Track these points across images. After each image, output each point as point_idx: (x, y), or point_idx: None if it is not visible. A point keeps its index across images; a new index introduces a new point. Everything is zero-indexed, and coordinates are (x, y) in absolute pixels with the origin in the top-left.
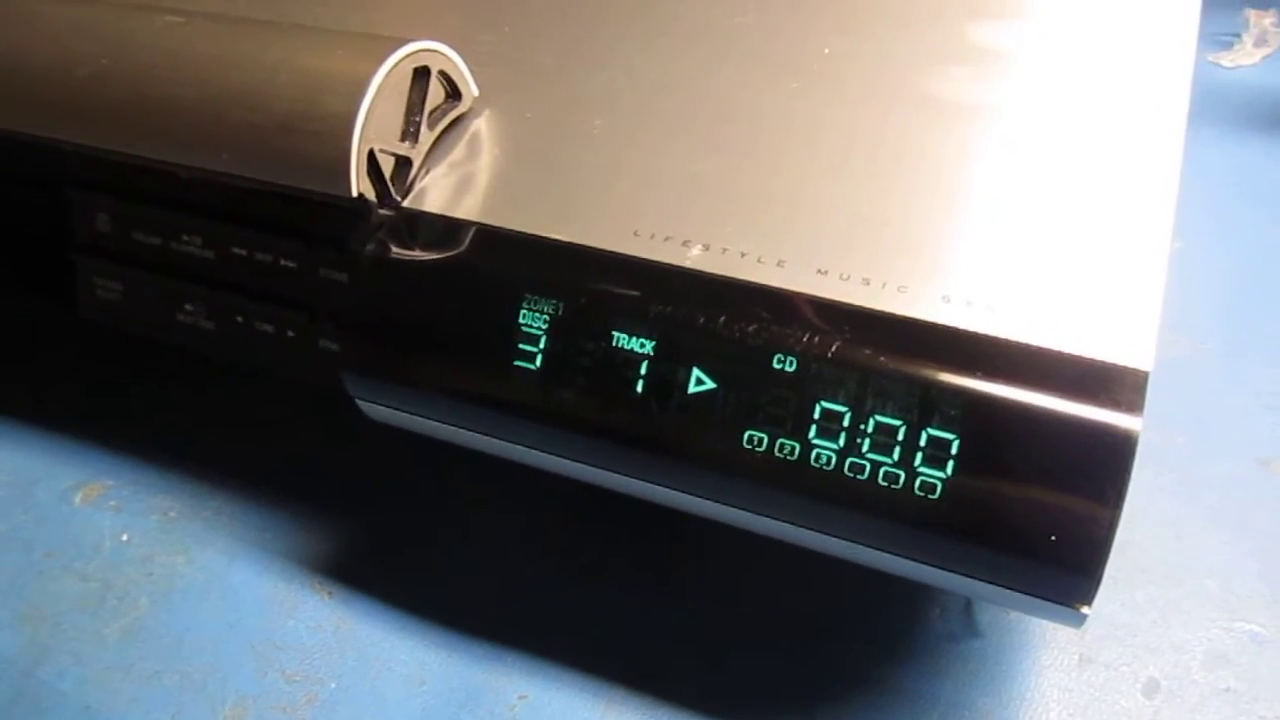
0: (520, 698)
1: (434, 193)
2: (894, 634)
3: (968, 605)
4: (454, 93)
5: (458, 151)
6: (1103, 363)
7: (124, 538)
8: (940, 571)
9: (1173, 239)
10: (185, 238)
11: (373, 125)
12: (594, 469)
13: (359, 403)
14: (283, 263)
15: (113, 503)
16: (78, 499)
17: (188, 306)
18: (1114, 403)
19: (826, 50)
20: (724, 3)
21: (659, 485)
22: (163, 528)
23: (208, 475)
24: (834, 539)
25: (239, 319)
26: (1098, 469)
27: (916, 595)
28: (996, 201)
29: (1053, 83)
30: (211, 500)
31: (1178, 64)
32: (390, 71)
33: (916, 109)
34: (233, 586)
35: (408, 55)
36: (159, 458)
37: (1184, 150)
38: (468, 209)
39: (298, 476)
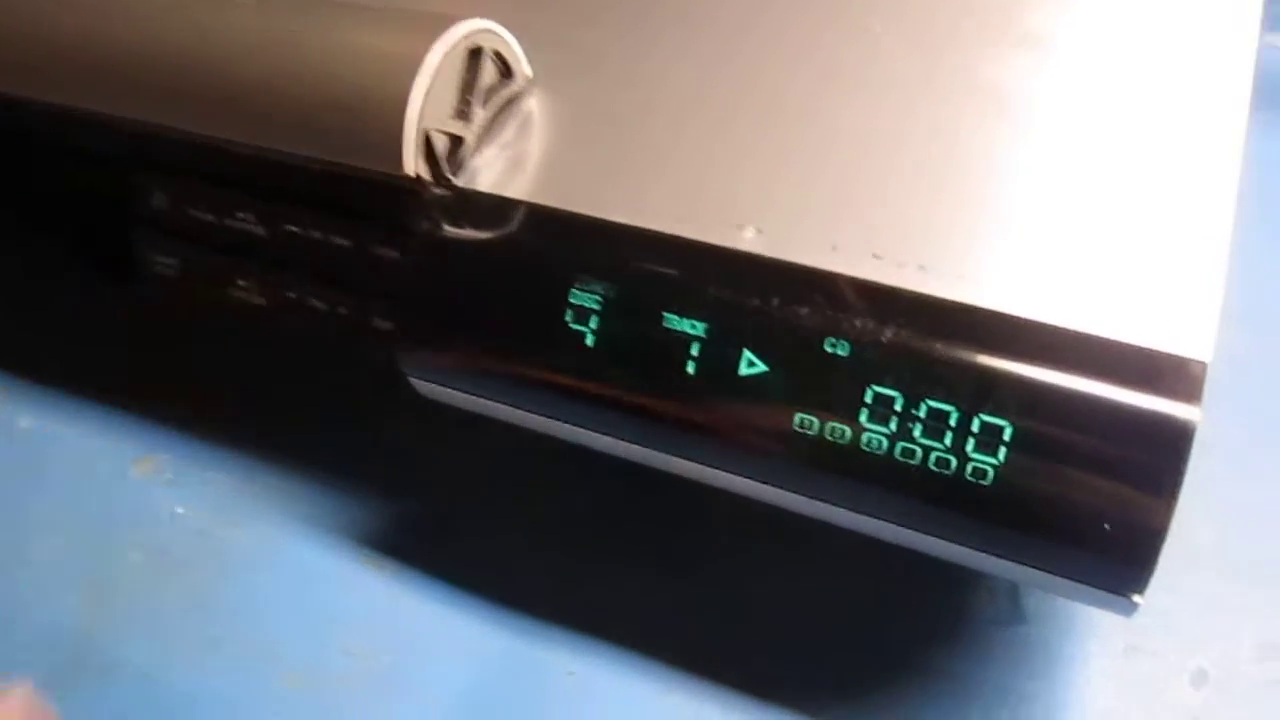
0: (569, 674)
1: (487, 172)
2: (940, 619)
3: (1014, 590)
4: (507, 73)
5: (510, 132)
6: (1162, 353)
7: (179, 510)
8: (992, 558)
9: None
10: (239, 215)
11: (429, 105)
12: (642, 449)
13: (411, 380)
14: (335, 240)
15: (168, 476)
16: (134, 473)
17: (241, 282)
18: (1173, 392)
19: (879, 33)
20: None
21: (708, 466)
22: (216, 502)
23: (258, 450)
24: (885, 524)
25: (291, 295)
26: (1155, 458)
27: (962, 580)
28: (1055, 190)
29: (1111, 70)
30: (261, 475)
31: (1240, 49)
32: (447, 52)
33: (973, 97)
34: (285, 560)
35: (464, 36)
36: (210, 432)
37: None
38: (520, 189)
39: (349, 452)
